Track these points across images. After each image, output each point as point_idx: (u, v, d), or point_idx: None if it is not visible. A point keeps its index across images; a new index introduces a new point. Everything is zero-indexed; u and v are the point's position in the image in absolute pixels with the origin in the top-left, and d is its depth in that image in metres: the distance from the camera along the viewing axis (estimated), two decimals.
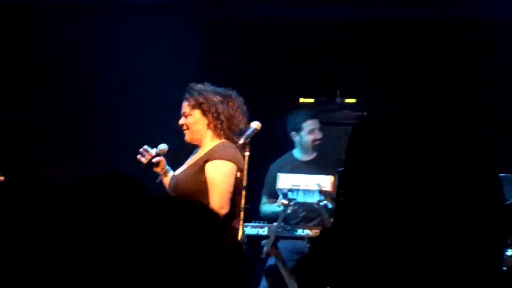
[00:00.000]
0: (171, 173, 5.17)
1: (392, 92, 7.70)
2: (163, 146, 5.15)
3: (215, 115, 4.96)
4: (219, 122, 4.97)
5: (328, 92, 7.52)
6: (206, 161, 4.91)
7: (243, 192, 5.87)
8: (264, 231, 6.22)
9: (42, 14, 7.77)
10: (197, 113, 5.00)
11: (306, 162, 6.79)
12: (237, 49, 7.82)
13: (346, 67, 7.76)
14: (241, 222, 5.77)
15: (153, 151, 5.12)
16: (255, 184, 6.46)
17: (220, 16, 7.98)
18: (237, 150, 5.02)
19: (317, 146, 6.79)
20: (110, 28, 7.82)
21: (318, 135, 6.79)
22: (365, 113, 7.40)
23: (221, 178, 4.88)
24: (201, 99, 4.98)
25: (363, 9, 7.84)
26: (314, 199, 6.20)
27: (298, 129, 6.80)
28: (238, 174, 4.97)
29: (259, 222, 6.32)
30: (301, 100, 7.47)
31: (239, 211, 5.74)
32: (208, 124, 4.99)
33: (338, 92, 7.50)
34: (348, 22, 7.86)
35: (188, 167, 5.03)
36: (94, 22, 7.83)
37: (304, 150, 6.82)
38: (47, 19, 7.79)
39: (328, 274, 1.51)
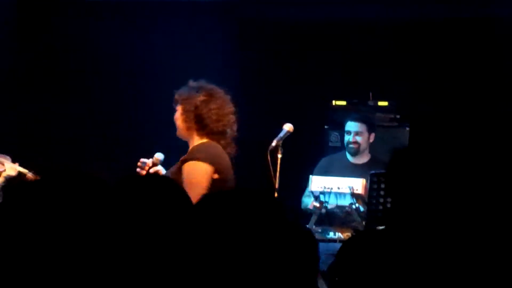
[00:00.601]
0: None
1: (425, 94, 7.66)
2: (158, 156, 5.12)
3: (188, 114, 4.90)
4: (191, 121, 4.90)
5: (361, 94, 7.50)
6: (183, 162, 4.83)
7: (275, 194, 5.87)
8: None
9: (88, 15, 7.84)
10: (179, 110, 4.96)
11: (357, 166, 6.78)
12: (270, 49, 7.82)
13: (378, 69, 7.73)
14: None
15: (150, 162, 5.10)
16: (287, 187, 6.46)
17: (253, 16, 7.98)
18: (219, 152, 4.90)
19: (351, 150, 6.77)
20: (142, 27, 7.86)
21: (353, 138, 6.77)
22: (398, 116, 7.37)
23: (195, 179, 4.75)
24: (183, 97, 4.95)
25: (395, 9, 7.80)
26: (346, 201, 6.19)
27: (343, 129, 6.84)
28: (216, 176, 4.87)
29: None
30: (334, 102, 7.45)
31: None
32: (184, 122, 4.93)
33: (371, 94, 7.48)
34: (379, 22, 7.83)
35: (172, 167, 4.99)
36: (125, 21, 7.88)
37: (347, 152, 6.84)
38: (86, 19, 7.86)
39: (358, 278, 1.50)
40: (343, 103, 7.46)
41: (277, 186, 5.77)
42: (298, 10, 7.92)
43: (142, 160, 5.10)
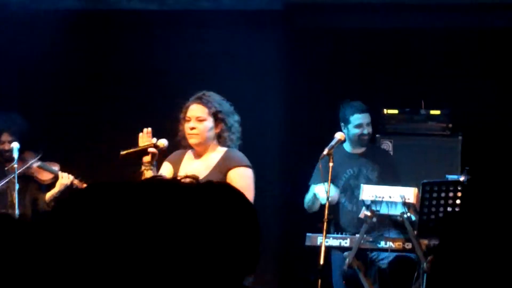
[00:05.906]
0: (153, 171, 5.12)
1: (478, 103, 7.58)
2: (163, 141, 5.19)
3: (226, 126, 5.21)
4: (229, 133, 5.22)
5: (413, 103, 7.44)
6: (228, 169, 5.10)
7: (326, 203, 5.85)
8: (346, 243, 6.18)
9: (131, 24, 7.90)
10: (212, 120, 5.19)
11: (359, 155, 6.69)
12: (322, 58, 7.80)
13: (431, 77, 7.67)
14: (324, 233, 5.76)
15: (154, 140, 5.16)
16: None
17: (305, 24, 7.98)
18: None
19: (364, 142, 6.65)
20: (195, 37, 7.90)
21: (365, 130, 6.64)
22: (450, 125, 7.30)
23: (250, 184, 5.07)
24: (219, 108, 5.21)
25: (446, 18, 7.75)
26: (397, 211, 6.13)
27: (346, 122, 6.68)
28: None
29: (342, 234, 6.29)
30: (386, 111, 7.40)
31: (322, 222, 5.74)
32: (218, 133, 5.21)
33: (423, 103, 7.42)
34: (431, 31, 7.78)
35: (210, 173, 5.08)
36: (176, 31, 7.92)
37: (352, 143, 6.68)
38: (133, 29, 7.93)
39: None
40: (395, 111, 7.41)
41: (329, 194, 5.76)
42: (350, 18, 7.90)
43: (147, 130, 5.17)
